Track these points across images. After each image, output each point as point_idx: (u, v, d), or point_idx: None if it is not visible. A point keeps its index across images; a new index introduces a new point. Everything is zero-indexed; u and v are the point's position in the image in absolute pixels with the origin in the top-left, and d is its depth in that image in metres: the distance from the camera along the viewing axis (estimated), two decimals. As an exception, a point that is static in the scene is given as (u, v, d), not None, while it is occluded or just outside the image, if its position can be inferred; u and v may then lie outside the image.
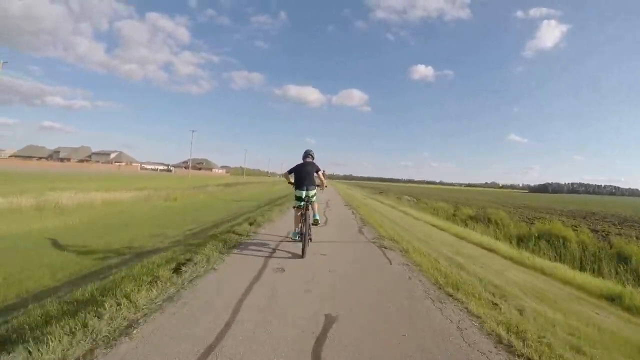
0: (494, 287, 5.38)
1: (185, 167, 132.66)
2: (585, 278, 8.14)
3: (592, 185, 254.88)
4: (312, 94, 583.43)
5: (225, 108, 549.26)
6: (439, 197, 49.98)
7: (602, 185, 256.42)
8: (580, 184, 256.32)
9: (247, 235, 7.65)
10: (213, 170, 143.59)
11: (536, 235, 15.61)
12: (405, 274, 5.11)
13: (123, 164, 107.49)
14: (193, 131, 75.66)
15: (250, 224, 9.04)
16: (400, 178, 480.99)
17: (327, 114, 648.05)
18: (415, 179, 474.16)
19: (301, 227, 6.04)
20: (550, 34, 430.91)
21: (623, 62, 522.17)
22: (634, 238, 13.76)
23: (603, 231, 17.31)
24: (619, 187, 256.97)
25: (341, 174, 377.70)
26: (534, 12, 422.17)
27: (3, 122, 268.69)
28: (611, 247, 11.71)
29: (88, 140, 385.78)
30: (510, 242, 13.83)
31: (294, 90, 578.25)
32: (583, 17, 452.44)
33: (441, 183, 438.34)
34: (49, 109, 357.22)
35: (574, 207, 42.43)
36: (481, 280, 5.65)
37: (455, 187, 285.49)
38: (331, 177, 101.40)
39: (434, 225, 16.23)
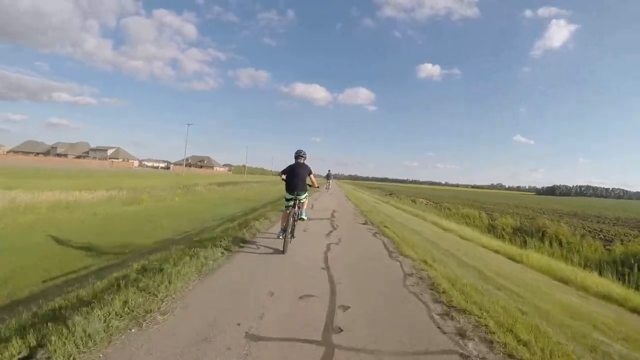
0: None
1: (186, 165, 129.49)
2: None
3: (600, 188, 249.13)
4: (318, 92, 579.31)
5: (231, 106, 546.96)
6: (454, 199, 45.74)
7: (611, 188, 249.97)
8: (589, 187, 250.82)
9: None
10: (215, 168, 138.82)
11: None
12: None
13: (119, 160, 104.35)
14: (189, 125, 70.62)
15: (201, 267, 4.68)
16: (405, 179, 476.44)
17: (334, 112, 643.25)
18: (420, 180, 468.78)
19: (286, 224, 5.95)
20: (559, 33, 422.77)
21: (632, 64, 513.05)
22: None
23: None
24: (626, 191, 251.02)
25: (346, 174, 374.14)
26: (542, 11, 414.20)
27: (9, 118, 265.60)
28: None
29: (94, 137, 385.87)
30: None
31: (300, 88, 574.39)
32: (592, 16, 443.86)
33: (446, 184, 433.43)
34: (56, 105, 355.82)
35: (596, 211, 38.50)
36: None
37: (462, 189, 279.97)
38: (336, 177, 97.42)
39: (490, 249, 11.70)
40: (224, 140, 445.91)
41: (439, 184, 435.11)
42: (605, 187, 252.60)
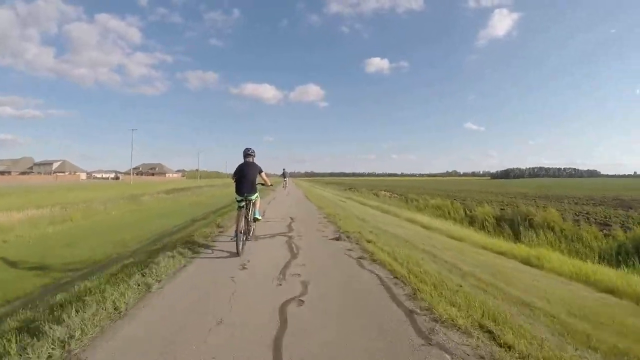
0: None
1: (137, 173, 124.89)
2: None
3: (552, 168, 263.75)
4: (268, 91, 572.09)
5: (182, 109, 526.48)
6: (416, 189, 44.30)
7: (562, 168, 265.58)
8: (541, 168, 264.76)
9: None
10: (167, 175, 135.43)
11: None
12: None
13: (66, 173, 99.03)
14: (133, 130, 65.20)
15: None
16: (362, 172, 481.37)
17: (285, 110, 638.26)
18: (377, 172, 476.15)
19: (237, 226, 5.80)
20: (502, 22, 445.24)
21: (567, 42, 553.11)
22: None
23: None
24: (577, 169, 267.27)
25: (302, 171, 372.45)
26: (485, 1, 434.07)
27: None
28: None
29: (42, 152, 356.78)
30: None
31: (250, 88, 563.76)
32: (532, 4, 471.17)
33: (402, 175, 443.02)
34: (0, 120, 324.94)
35: (562, 191, 38.73)
36: None
37: (419, 178, 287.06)
38: (292, 175, 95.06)
39: (492, 251, 9.25)
40: (176, 146, 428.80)
41: (396, 174, 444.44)
42: (557, 167, 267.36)
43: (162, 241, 7.90)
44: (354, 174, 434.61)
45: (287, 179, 33.79)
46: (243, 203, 6.01)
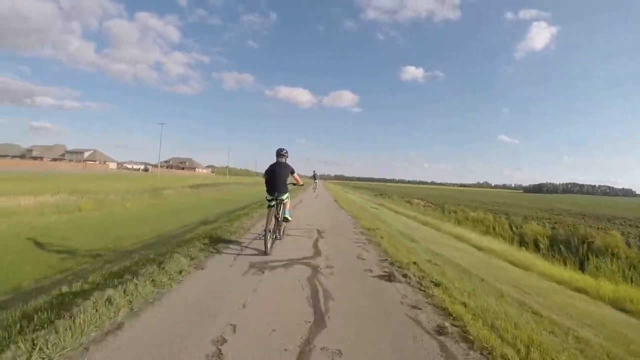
0: None
1: (167, 167, 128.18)
2: None
3: (586, 185, 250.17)
4: (303, 95, 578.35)
5: (216, 108, 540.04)
6: (450, 199, 41.72)
7: (597, 185, 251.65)
8: (575, 184, 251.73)
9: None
10: (197, 170, 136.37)
11: None
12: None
13: (96, 162, 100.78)
14: (162, 124, 65.48)
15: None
16: (391, 178, 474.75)
17: (318, 114, 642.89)
18: (406, 179, 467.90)
19: (267, 225, 5.61)
20: (540, 35, 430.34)
21: (609, 61, 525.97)
22: None
23: None
24: (612, 187, 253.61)
25: (332, 174, 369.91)
26: (523, 13, 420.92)
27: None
28: None
29: (78, 141, 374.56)
30: None
31: (285, 91, 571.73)
32: (571, 18, 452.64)
33: (433, 183, 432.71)
34: (39, 109, 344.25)
35: (606, 210, 35.27)
36: None
37: (450, 187, 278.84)
38: (322, 177, 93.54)
39: (570, 287, 7.31)
40: (208, 143, 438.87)
41: (426, 182, 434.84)
42: (591, 184, 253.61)
43: (160, 246, 6.59)
44: (383, 180, 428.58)
45: (317, 180, 33.15)
46: (274, 202, 5.90)
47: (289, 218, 6.38)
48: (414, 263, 5.26)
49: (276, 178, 5.95)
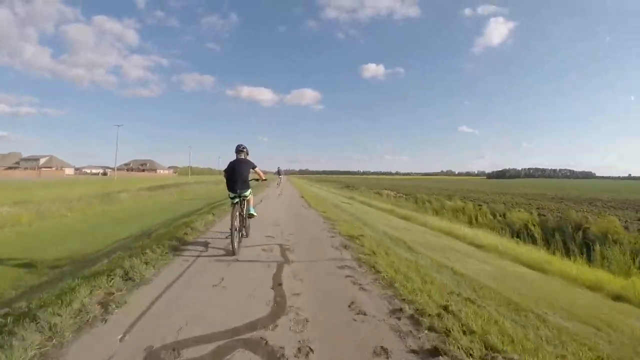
0: None
1: (127, 169, 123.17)
2: None
3: (547, 169, 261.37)
4: (264, 94, 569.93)
5: (177, 110, 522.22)
6: (420, 189, 40.67)
7: (557, 169, 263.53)
8: (537, 169, 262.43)
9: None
10: (158, 171, 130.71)
11: None
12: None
13: (52, 169, 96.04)
14: (119, 125, 60.71)
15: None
16: (355, 171, 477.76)
17: (281, 113, 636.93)
18: (371, 171, 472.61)
19: (232, 223, 5.34)
20: (498, 31, 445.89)
21: (562, 49, 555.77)
22: None
23: None
24: (573, 171, 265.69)
25: (297, 169, 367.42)
26: (481, 9, 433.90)
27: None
28: None
29: (36, 149, 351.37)
30: None
31: (246, 90, 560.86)
32: (528, 13, 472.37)
33: (397, 173, 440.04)
34: None
35: (577, 193, 35.29)
36: None
37: (415, 177, 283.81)
38: (287, 172, 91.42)
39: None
40: (170, 144, 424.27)
41: (390, 173, 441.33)
42: (552, 168, 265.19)
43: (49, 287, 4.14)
44: (347, 173, 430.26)
45: (282, 176, 32.80)
46: (237, 200, 5.69)
47: (254, 214, 6.11)
48: (444, 306, 3.10)
49: (237, 175, 5.70)
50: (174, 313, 2.96)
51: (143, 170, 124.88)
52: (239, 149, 5.94)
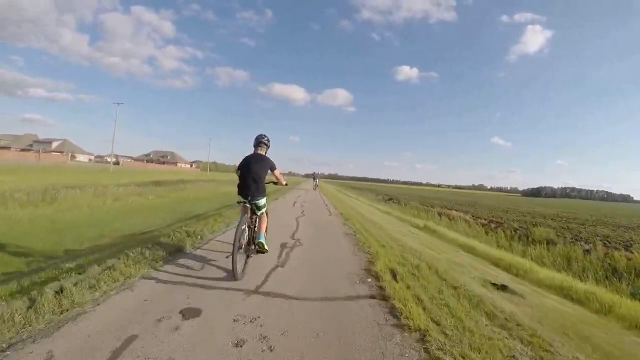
0: None
1: (147, 161, 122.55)
2: None
3: (584, 190, 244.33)
4: (296, 93, 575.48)
5: (208, 103, 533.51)
6: (474, 207, 31.74)
7: (595, 190, 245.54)
8: (573, 189, 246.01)
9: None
10: (179, 164, 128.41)
11: None
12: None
13: (63, 153, 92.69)
14: (119, 104, 53.72)
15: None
16: (385, 178, 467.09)
17: (312, 112, 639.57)
18: (400, 180, 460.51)
19: (237, 237, 3.99)
20: (535, 38, 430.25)
21: (603, 65, 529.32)
22: None
23: None
24: (610, 193, 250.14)
25: (326, 172, 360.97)
26: (518, 17, 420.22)
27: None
28: None
29: (68, 134, 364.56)
30: None
31: (278, 88, 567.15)
32: (567, 22, 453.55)
33: (427, 184, 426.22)
34: (31, 100, 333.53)
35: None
36: None
37: (444, 189, 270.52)
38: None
39: None
40: (198, 138, 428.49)
41: (420, 184, 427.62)
42: (587, 188, 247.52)
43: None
44: (376, 180, 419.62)
45: (317, 180, 33.28)
46: (248, 207, 4.46)
47: (266, 247, 4.70)
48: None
49: (250, 175, 4.47)
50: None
51: (163, 163, 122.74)
52: (259, 141, 4.72)
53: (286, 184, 5.28)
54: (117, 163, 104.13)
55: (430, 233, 13.25)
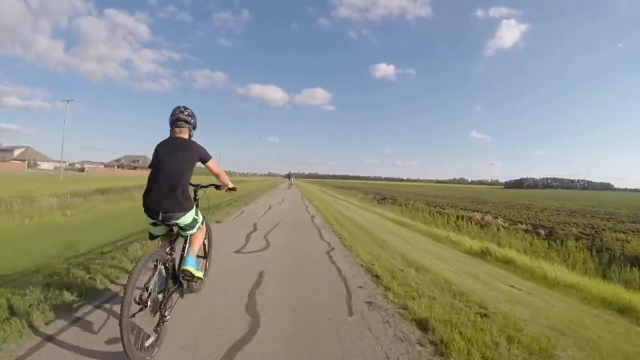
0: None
1: (118, 166, 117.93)
2: None
3: (565, 180, 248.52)
4: (275, 93, 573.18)
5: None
6: (445, 199, 27.76)
7: (576, 179, 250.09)
8: (555, 179, 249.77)
9: None
10: None
11: None
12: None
13: (24, 162, 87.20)
14: (69, 100, 45.81)
15: None
16: (366, 175, 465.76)
17: (291, 112, 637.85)
18: (382, 177, 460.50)
19: (126, 291, 1.91)
20: (510, 32, 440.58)
21: (578, 56, 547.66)
22: None
23: None
24: (590, 182, 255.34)
25: (306, 172, 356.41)
26: (493, 11, 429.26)
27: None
28: None
29: (46, 143, 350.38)
30: None
31: (257, 89, 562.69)
32: (541, 16, 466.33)
33: (408, 180, 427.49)
34: (6, 110, 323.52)
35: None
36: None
37: (426, 184, 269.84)
38: (296, 176, 79.98)
39: None
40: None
41: (401, 179, 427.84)
42: (569, 178, 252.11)
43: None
44: (358, 177, 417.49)
45: (292, 179, 34.17)
46: (161, 233, 2.64)
47: (199, 274, 2.66)
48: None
49: (161, 173, 2.45)
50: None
51: (135, 168, 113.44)
52: (177, 117, 2.69)
53: (234, 188, 3.13)
54: (82, 169, 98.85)
55: (520, 273, 7.85)
